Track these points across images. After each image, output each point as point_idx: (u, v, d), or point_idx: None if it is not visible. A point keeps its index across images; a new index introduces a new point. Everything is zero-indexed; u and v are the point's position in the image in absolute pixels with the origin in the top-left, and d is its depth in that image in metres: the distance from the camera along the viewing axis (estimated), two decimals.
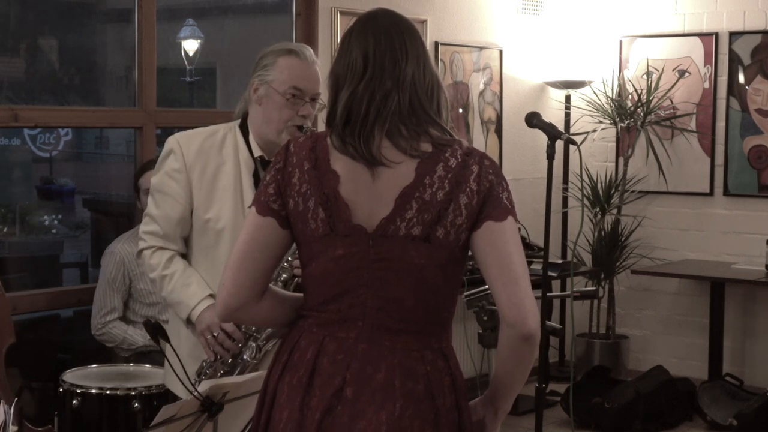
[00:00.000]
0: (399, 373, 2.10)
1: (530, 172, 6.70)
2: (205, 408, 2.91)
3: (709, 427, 5.73)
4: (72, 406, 3.80)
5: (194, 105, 7.11)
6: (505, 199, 2.15)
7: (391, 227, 2.10)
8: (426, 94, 2.16)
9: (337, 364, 2.12)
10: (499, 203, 2.13)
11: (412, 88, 2.14)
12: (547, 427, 5.09)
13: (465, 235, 2.12)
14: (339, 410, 2.10)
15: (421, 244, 2.10)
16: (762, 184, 6.32)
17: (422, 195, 2.09)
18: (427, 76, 2.17)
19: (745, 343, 6.41)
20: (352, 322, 2.13)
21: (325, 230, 2.13)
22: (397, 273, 2.11)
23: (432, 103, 2.17)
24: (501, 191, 2.14)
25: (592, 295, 4.77)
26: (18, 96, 5.37)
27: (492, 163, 2.17)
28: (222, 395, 2.89)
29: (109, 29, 6.26)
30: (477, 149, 2.19)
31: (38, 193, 7.30)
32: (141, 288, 4.49)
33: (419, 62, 2.16)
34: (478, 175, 2.12)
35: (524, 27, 6.68)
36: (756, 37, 6.31)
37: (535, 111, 3.57)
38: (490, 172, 2.14)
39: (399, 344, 2.12)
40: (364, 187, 2.11)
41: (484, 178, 2.13)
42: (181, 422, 2.89)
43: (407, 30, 2.19)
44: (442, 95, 2.20)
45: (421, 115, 2.14)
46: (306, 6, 5.55)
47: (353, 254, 2.12)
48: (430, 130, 2.15)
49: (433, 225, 2.09)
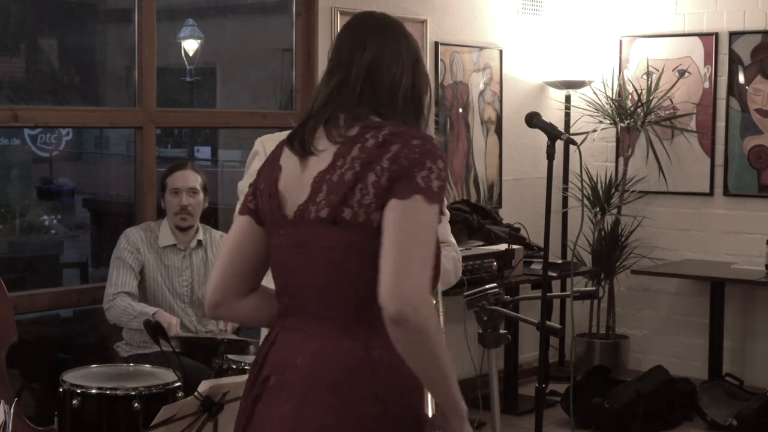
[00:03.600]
0: (314, 361, 2.08)
1: (530, 172, 6.70)
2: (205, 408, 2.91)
3: (709, 427, 5.73)
4: (72, 406, 3.80)
5: (194, 105, 7.12)
6: (422, 179, 1.99)
7: (306, 212, 2.10)
8: (391, 87, 2.14)
9: (276, 354, 2.16)
10: (410, 181, 1.99)
11: (368, 79, 2.13)
12: (547, 427, 5.10)
13: (377, 215, 2.01)
14: (264, 398, 2.15)
15: (329, 227, 2.06)
16: (762, 184, 6.32)
17: (332, 177, 2.07)
18: (394, 69, 2.14)
19: (745, 343, 6.41)
20: (294, 312, 2.16)
21: (271, 224, 2.18)
22: (312, 258, 2.10)
23: (396, 95, 2.14)
24: (420, 170, 2.00)
25: (592, 295, 4.76)
26: (18, 96, 5.37)
27: (423, 144, 2.03)
28: (222, 395, 2.89)
29: (109, 29, 6.26)
30: (419, 133, 2.09)
31: (38, 193, 7.30)
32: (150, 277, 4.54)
33: (383, 55, 2.15)
34: (396, 154, 2.02)
35: (524, 27, 6.68)
36: (756, 37, 6.31)
37: (535, 111, 3.57)
38: (416, 151, 2.02)
39: (323, 331, 2.10)
40: (295, 179, 2.14)
41: (403, 157, 2.01)
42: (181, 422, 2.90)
43: (379, 26, 2.19)
44: (416, 91, 2.17)
45: (373, 104, 2.13)
46: (306, 6, 5.55)
47: (283, 244, 2.15)
48: (371, 117, 2.11)
49: (339, 206, 2.04)
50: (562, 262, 6.02)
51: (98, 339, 5.07)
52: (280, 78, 5.93)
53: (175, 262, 4.56)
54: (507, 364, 6.12)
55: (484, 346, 3.58)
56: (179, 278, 4.56)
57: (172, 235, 4.57)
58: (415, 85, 2.17)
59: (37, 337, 4.94)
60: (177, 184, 4.55)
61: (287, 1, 5.62)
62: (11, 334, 3.96)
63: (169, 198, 4.56)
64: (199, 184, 4.59)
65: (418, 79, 2.18)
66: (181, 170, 4.59)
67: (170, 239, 4.57)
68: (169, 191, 4.56)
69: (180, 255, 4.58)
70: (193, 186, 4.56)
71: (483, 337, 3.53)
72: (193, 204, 4.56)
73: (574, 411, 5.44)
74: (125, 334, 4.55)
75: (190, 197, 4.55)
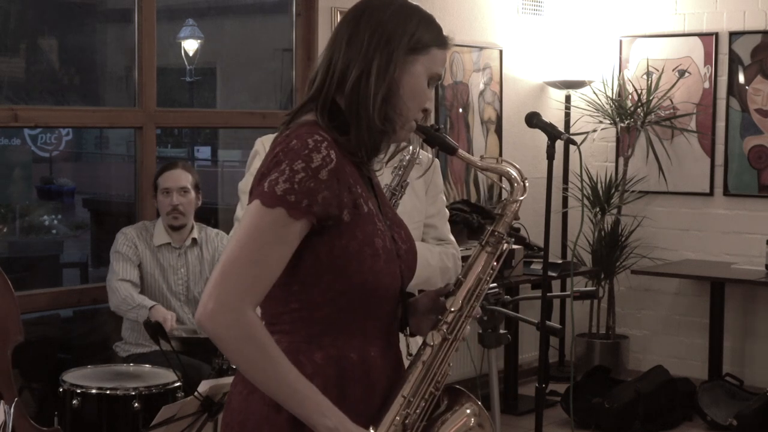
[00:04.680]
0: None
1: (530, 172, 6.64)
2: (205, 408, 2.91)
3: (709, 427, 5.73)
4: (72, 406, 3.80)
5: (194, 105, 7.12)
6: (268, 183, 1.87)
7: None
8: (340, 78, 1.97)
9: None
10: (259, 185, 1.90)
11: (328, 71, 1.99)
12: (547, 427, 5.09)
13: None
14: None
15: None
16: (762, 184, 6.32)
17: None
18: (347, 57, 1.97)
19: (745, 343, 6.41)
20: None
21: None
22: None
23: (354, 90, 1.95)
24: (272, 173, 1.88)
25: (592, 295, 4.76)
26: (18, 96, 5.37)
27: (285, 146, 1.90)
28: (222, 395, 2.89)
29: (109, 29, 6.26)
30: (311, 130, 1.93)
31: (38, 193, 7.30)
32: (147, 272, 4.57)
33: (341, 44, 1.98)
34: (268, 157, 1.92)
35: (524, 27, 6.68)
36: (756, 37, 6.31)
37: (535, 111, 3.57)
38: (280, 154, 1.89)
39: None
40: None
41: (270, 160, 1.91)
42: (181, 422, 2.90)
43: (353, 11, 2.03)
44: (367, 82, 1.95)
45: (327, 96, 1.99)
46: (306, 6, 5.55)
47: None
48: (306, 115, 1.99)
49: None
50: (562, 262, 6.02)
51: (98, 339, 5.08)
52: (280, 78, 5.93)
53: (171, 260, 4.59)
54: (507, 364, 6.12)
55: (484, 346, 3.58)
56: (175, 276, 4.58)
57: (166, 234, 4.60)
58: (366, 74, 1.96)
59: (37, 337, 4.94)
60: (168, 184, 4.58)
61: (287, 1, 5.62)
62: (18, 334, 3.96)
63: (160, 198, 4.60)
64: (190, 183, 4.61)
65: (373, 69, 1.95)
66: (171, 170, 4.62)
67: (165, 238, 4.59)
68: (161, 191, 4.60)
69: (175, 253, 4.60)
70: (184, 185, 4.59)
71: (483, 337, 3.53)
72: (185, 203, 4.58)
73: (574, 411, 5.44)
74: (124, 334, 4.56)
75: (181, 196, 4.57)
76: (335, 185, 1.90)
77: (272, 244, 1.87)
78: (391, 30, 1.99)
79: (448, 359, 2.04)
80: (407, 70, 1.99)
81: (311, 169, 1.87)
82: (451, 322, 2.05)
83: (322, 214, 1.89)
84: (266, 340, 1.88)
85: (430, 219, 3.17)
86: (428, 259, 3.04)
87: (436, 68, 2.05)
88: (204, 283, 4.63)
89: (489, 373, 3.76)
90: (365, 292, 1.96)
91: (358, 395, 1.97)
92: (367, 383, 1.99)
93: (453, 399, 2.08)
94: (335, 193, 1.90)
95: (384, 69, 1.96)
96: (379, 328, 2.02)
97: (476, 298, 2.10)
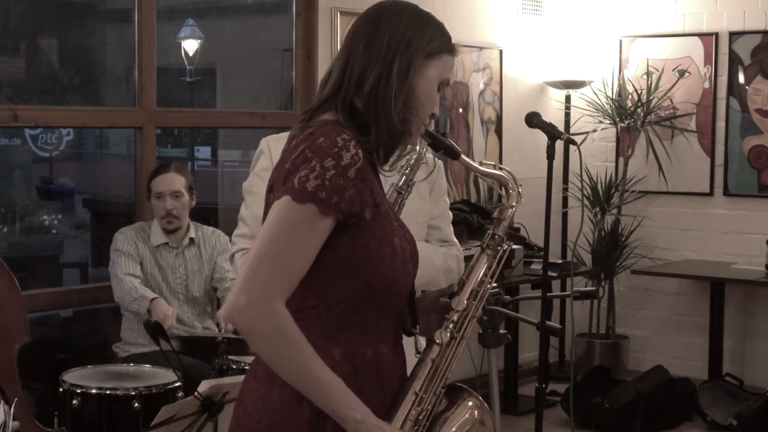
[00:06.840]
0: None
1: (530, 172, 6.68)
2: (205, 408, 2.91)
3: (709, 427, 5.73)
4: (72, 406, 3.81)
5: (194, 105, 7.11)
6: (297, 179, 1.90)
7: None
8: (359, 79, 2.00)
9: None
10: (287, 181, 1.92)
11: (344, 72, 2.02)
12: (547, 427, 5.09)
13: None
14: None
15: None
16: (762, 184, 6.32)
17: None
18: (366, 59, 2.00)
19: (745, 343, 6.41)
20: None
21: None
22: None
23: (374, 92, 1.99)
24: (301, 170, 1.90)
25: (592, 295, 4.77)
26: (18, 96, 5.37)
27: (311, 143, 1.93)
28: (222, 395, 2.89)
29: (109, 29, 6.26)
30: (334, 129, 1.96)
31: (38, 193, 7.30)
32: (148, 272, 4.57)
33: (359, 46, 2.02)
34: (293, 155, 1.95)
35: (524, 27, 6.68)
36: (756, 37, 6.31)
37: (535, 111, 3.56)
38: (307, 151, 1.92)
39: None
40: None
41: (297, 156, 1.93)
42: (181, 422, 2.90)
43: (369, 14, 2.06)
44: (388, 84, 2.00)
45: (346, 97, 2.01)
46: (306, 6, 5.55)
47: None
48: (324, 115, 2.02)
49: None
50: (562, 262, 6.02)
51: (98, 339, 5.08)
52: (280, 78, 5.93)
53: (169, 260, 4.60)
54: (507, 364, 6.12)
55: (484, 346, 3.59)
56: (173, 275, 4.59)
57: (163, 234, 4.61)
58: (386, 77, 1.99)
59: (37, 337, 4.94)
60: (160, 188, 4.57)
61: (287, 1, 5.62)
62: (24, 334, 3.97)
63: (154, 201, 4.60)
64: (184, 186, 4.60)
65: (393, 71, 2.00)
66: (164, 173, 4.61)
67: (162, 238, 4.60)
68: (154, 195, 4.59)
69: (173, 253, 4.61)
70: (177, 189, 4.58)
71: (483, 337, 3.53)
72: (178, 207, 4.58)
73: (574, 411, 5.44)
74: (122, 334, 4.57)
75: (174, 200, 4.57)
76: (360, 184, 1.94)
77: (302, 239, 1.90)
78: (410, 35, 2.04)
79: (456, 358, 2.08)
80: (423, 74, 2.05)
81: (341, 167, 1.90)
82: (458, 321, 2.10)
83: (348, 212, 1.93)
84: (297, 334, 1.91)
85: (434, 220, 3.17)
86: (432, 260, 3.03)
87: (447, 73, 2.11)
88: (203, 282, 4.64)
89: (489, 373, 3.76)
90: (381, 290, 2.00)
91: (371, 391, 2.00)
92: (380, 379, 2.02)
93: (454, 396, 2.12)
94: (360, 192, 1.94)
95: (404, 72, 2.01)
96: (391, 326, 2.06)
97: (479, 299, 2.14)
